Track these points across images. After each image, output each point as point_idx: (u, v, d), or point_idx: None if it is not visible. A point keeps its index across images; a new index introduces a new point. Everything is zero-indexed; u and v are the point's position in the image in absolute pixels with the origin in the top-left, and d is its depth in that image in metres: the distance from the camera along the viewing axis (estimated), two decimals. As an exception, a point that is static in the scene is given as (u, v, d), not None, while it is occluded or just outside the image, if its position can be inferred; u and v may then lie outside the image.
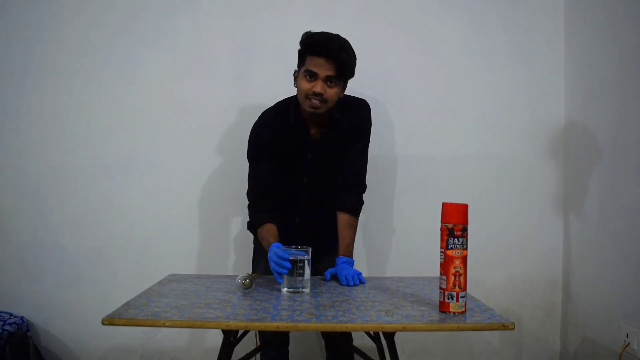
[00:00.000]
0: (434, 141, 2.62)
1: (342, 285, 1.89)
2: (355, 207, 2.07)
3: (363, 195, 2.12)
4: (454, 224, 1.52)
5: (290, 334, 2.26)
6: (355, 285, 1.89)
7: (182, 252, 2.58)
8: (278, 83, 2.53)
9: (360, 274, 1.94)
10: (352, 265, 1.98)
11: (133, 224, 2.60)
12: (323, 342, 2.36)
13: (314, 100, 1.90)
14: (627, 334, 2.11)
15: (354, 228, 2.05)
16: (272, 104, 2.53)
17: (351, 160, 2.08)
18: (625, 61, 2.19)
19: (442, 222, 1.54)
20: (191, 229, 2.60)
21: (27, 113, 2.59)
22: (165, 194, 2.60)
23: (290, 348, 2.27)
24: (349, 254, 2.01)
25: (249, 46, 2.59)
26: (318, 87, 1.88)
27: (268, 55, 2.58)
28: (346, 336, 2.22)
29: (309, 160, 2.05)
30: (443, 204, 1.55)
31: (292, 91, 2.05)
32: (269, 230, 1.96)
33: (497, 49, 2.63)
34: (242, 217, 2.56)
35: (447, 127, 2.63)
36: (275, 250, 1.78)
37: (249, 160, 2.08)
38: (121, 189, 2.59)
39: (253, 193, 2.05)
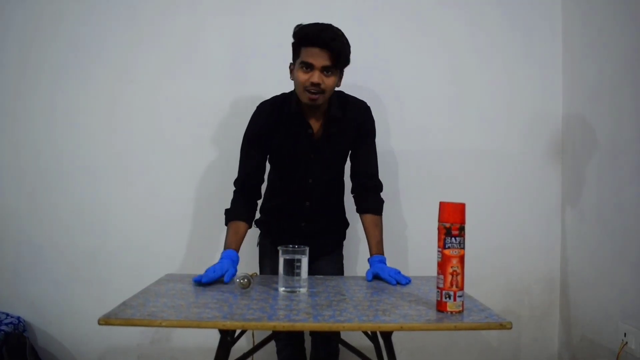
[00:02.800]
0: (431, 140, 2.62)
1: (391, 284, 1.88)
2: (378, 207, 2.10)
3: (381, 193, 2.14)
4: (452, 223, 1.51)
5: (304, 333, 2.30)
6: (406, 284, 1.89)
7: (180, 251, 2.57)
8: (275, 81, 2.51)
9: (399, 271, 1.94)
10: (386, 263, 1.99)
11: (130, 223, 2.60)
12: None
13: (312, 92, 1.90)
14: (625, 333, 2.11)
15: (380, 226, 2.07)
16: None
17: (365, 161, 2.10)
18: (623, 59, 2.19)
19: (439, 221, 1.54)
20: (189, 228, 2.59)
21: (23, 113, 2.59)
22: (163, 194, 2.60)
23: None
24: (381, 251, 2.02)
25: (246, 44, 2.59)
26: (315, 77, 1.88)
27: (265, 53, 2.58)
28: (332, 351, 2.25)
29: (311, 159, 2.04)
30: (440, 203, 1.55)
31: (290, 89, 2.05)
32: (236, 231, 1.97)
33: (495, 47, 2.63)
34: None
35: (445, 126, 2.63)
36: (223, 262, 1.85)
37: (241, 149, 2.07)
38: (118, 189, 2.59)
39: (238, 183, 2.07)
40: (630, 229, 2.11)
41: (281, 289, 1.75)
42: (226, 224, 2.01)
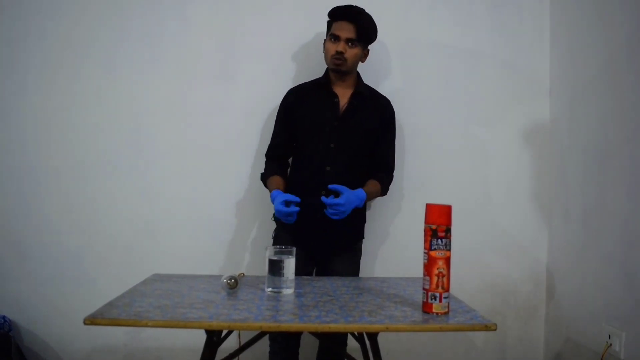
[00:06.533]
0: (418, 142, 2.63)
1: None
2: (383, 182, 2.29)
3: (390, 185, 2.36)
4: (438, 225, 1.52)
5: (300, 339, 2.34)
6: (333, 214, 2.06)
7: (167, 251, 2.56)
8: (264, 83, 2.53)
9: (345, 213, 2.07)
10: (360, 203, 2.13)
11: (117, 223, 2.58)
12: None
13: (336, 59, 2.18)
14: (609, 335, 2.13)
15: (377, 188, 2.26)
16: (258, 104, 2.55)
17: (384, 153, 2.33)
18: (609, 62, 2.20)
19: (425, 223, 1.54)
20: (175, 228, 2.58)
21: (8, 112, 2.56)
22: (150, 193, 2.58)
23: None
24: (368, 193, 2.17)
25: (235, 46, 2.58)
26: (340, 46, 2.18)
27: (254, 55, 2.57)
28: (340, 340, 2.23)
29: (335, 127, 2.22)
30: (427, 205, 1.55)
31: (278, 92, 2.22)
32: (276, 180, 2.23)
33: (483, 49, 2.64)
34: (229, 216, 2.56)
35: (432, 128, 2.64)
36: (276, 202, 2.07)
37: (274, 123, 2.35)
38: (105, 188, 2.57)
39: (269, 152, 2.35)
40: (616, 230, 2.13)
41: (267, 290, 1.75)
42: (264, 181, 2.29)
